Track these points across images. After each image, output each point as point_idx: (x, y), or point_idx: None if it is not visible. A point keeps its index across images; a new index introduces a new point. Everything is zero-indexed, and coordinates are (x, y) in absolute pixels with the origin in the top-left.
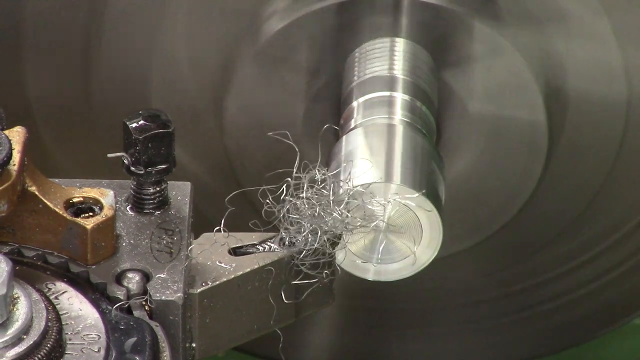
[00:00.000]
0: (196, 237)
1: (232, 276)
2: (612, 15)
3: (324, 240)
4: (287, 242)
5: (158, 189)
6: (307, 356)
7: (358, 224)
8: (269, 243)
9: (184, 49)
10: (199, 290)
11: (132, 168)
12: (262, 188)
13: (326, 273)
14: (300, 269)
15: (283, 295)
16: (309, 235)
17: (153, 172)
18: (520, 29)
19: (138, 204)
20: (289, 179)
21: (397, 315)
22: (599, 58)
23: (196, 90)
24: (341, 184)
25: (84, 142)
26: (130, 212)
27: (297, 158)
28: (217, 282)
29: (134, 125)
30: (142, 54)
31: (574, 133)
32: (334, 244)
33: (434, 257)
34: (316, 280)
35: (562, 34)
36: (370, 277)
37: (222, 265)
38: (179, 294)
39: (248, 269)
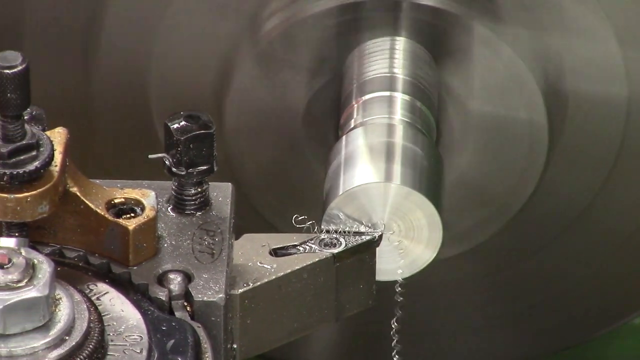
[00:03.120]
0: (237, 238)
1: (274, 277)
2: (612, 15)
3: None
4: (327, 243)
5: (199, 189)
6: (309, 352)
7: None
8: (309, 244)
9: (183, 49)
10: (240, 291)
11: (174, 169)
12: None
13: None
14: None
15: (324, 296)
16: (349, 235)
17: (194, 173)
18: (519, 29)
19: (179, 205)
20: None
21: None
22: (599, 58)
23: (196, 91)
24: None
25: (83, 142)
26: (172, 213)
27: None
28: (259, 283)
29: (175, 126)
30: (141, 55)
31: (574, 133)
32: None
33: (433, 257)
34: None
35: (561, 33)
36: None
37: (264, 266)
38: (220, 295)
39: (289, 270)
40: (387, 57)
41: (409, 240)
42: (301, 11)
